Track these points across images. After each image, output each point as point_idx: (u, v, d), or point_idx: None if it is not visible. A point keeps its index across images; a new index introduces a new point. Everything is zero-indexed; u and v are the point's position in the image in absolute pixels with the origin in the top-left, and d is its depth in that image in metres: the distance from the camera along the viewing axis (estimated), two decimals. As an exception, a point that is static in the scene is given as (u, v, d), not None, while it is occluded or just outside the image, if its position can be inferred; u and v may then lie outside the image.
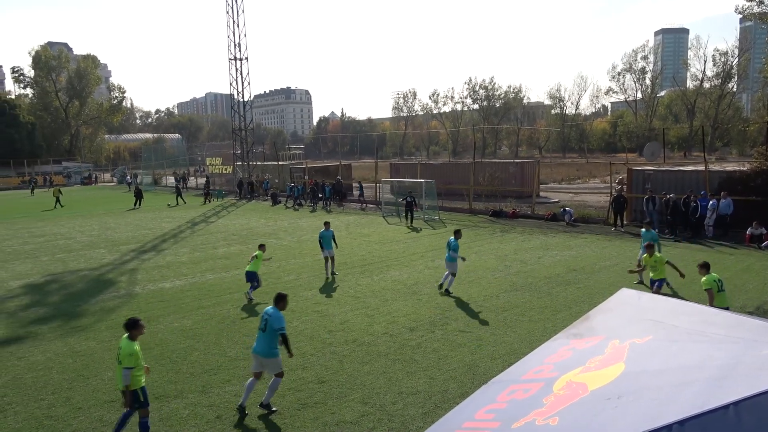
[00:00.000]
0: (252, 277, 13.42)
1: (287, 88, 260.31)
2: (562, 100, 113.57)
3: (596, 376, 3.28)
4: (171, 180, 66.14)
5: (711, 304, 9.19)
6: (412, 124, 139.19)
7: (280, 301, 7.80)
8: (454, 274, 13.57)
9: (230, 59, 46.26)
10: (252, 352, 7.87)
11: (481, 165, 36.40)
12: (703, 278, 9.61)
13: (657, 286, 11.66)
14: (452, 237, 13.88)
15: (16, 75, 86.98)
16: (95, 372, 9.21)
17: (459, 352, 9.61)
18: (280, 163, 50.08)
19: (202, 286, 15.00)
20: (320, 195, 35.65)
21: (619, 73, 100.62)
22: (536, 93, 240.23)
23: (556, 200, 31.97)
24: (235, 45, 45.78)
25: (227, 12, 45.42)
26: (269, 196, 39.00)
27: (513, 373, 3.96)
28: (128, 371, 6.68)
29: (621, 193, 23.51)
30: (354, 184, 39.63)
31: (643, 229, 14.68)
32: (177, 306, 13.07)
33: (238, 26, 45.47)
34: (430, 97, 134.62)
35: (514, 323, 11.10)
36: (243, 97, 47.39)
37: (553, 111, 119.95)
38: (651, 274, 11.92)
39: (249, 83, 47.29)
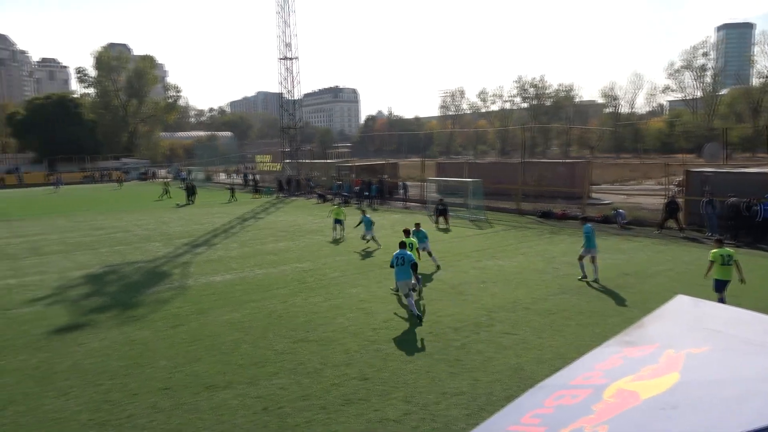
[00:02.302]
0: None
1: (335, 87, 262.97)
2: (616, 99, 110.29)
3: (649, 385, 3.18)
4: (223, 177, 68.06)
5: (706, 274, 11.38)
6: (459, 122, 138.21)
7: None
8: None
9: (280, 59, 47.16)
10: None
11: (529, 164, 35.77)
12: (713, 251, 11.23)
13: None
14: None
15: (80, 75, 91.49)
16: (149, 360, 9.59)
17: (504, 354, 9.49)
18: (327, 161, 50.68)
19: (251, 280, 15.37)
20: (366, 193, 35.89)
21: (677, 71, 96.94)
22: (588, 91, 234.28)
23: (608, 202, 31.03)
24: (285, 45, 46.63)
25: (277, 12, 46.31)
26: (316, 195, 39.57)
27: (561, 378, 3.87)
28: None
29: (674, 198, 22.63)
30: (399, 183, 39.70)
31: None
32: (227, 299, 13.45)
33: (288, 26, 46.32)
34: (478, 96, 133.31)
35: (561, 327, 10.87)
36: (292, 96, 48.23)
37: (606, 110, 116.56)
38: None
39: (299, 82, 48.08)
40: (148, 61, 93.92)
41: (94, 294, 14.36)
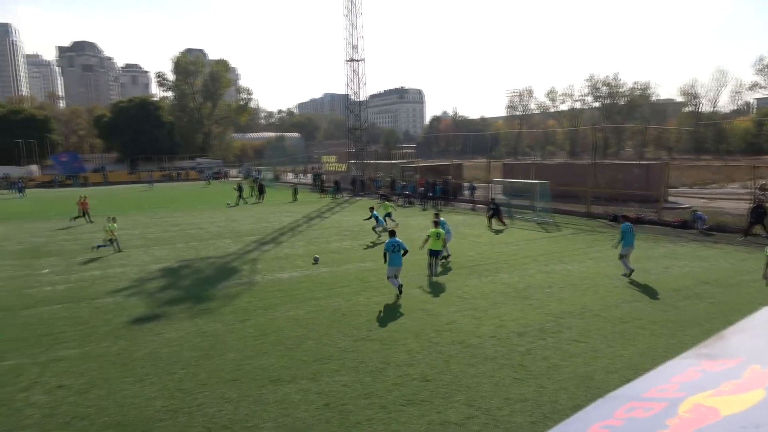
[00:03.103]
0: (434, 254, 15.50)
1: (401, 87, 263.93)
2: (697, 97, 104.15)
3: (730, 401, 2.97)
4: (290, 176, 69.89)
5: None
6: (527, 123, 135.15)
7: None
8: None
9: (347, 60, 47.83)
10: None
11: (601, 166, 34.41)
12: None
13: None
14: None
15: (160, 79, 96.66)
16: (220, 352, 9.98)
17: (571, 362, 9.17)
18: (392, 161, 50.93)
19: (315, 278, 15.68)
20: (430, 194, 35.77)
21: (766, 66, 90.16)
22: (666, 89, 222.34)
23: (687, 206, 29.35)
24: (351, 47, 47.25)
25: (345, 15, 47.00)
26: (379, 195, 39.86)
27: (633, 389, 3.69)
28: None
29: (761, 202, 21.07)
30: (465, 185, 39.30)
31: None
32: (292, 296, 13.78)
33: (355, 28, 46.90)
34: (547, 95, 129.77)
35: (633, 336, 10.38)
36: (359, 97, 48.82)
37: (685, 109, 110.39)
38: None
39: (365, 83, 48.62)
40: (222, 65, 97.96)
41: (169, 287, 15.11)
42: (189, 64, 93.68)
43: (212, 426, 7.27)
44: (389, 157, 54.24)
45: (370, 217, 23.03)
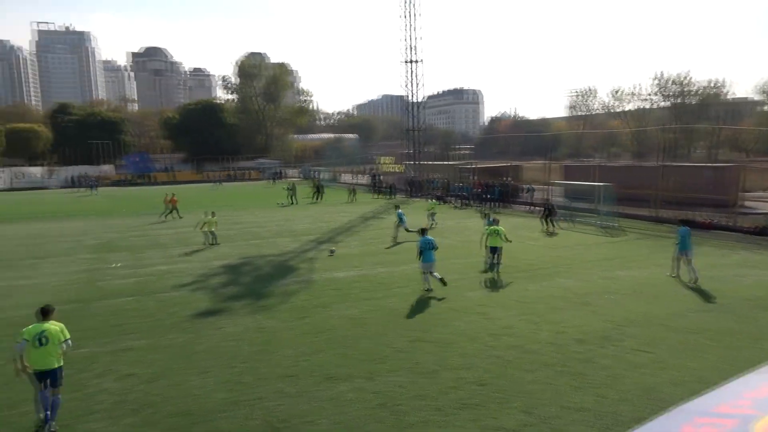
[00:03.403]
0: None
1: (458, 88, 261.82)
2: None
3: (811, 421, 2.78)
4: (348, 177, 70.76)
5: None
6: (590, 123, 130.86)
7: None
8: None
9: (404, 62, 47.91)
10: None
11: (669, 168, 32.86)
12: None
13: None
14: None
15: (224, 83, 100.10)
16: (277, 347, 10.23)
17: (635, 372, 8.81)
18: (449, 162, 50.63)
19: (371, 278, 15.80)
20: (487, 196, 35.28)
21: None
22: (743, 87, 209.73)
23: (765, 211, 27.56)
24: (409, 48, 47.31)
25: (403, 16, 47.11)
26: (434, 196, 39.71)
27: (701, 404, 3.52)
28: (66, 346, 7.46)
29: None
30: (524, 186, 38.53)
31: None
32: (348, 295, 13.94)
33: (413, 29, 46.92)
34: (611, 95, 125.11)
35: (703, 348, 9.85)
36: (416, 98, 48.80)
37: (764, 107, 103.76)
38: None
39: (422, 84, 48.56)
40: (283, 68, 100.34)
41: (231, 283, 15.64)
42: (251, 67, 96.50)
43: (271, 419, 7.47)
44: (446, 158, 53.83)
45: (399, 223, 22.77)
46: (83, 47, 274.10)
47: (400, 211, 23.19)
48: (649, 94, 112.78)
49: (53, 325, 7.43)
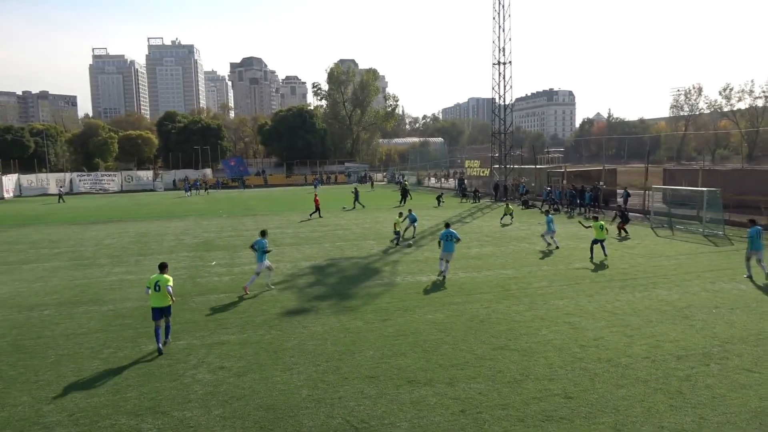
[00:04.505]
0: None
1: (549, 89, 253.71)
2: None
3: None
4: (432, 181, 70.64)
5: None
6: (694, 124, 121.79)
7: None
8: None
9: (494, 64, 47.08)
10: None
11: (787, 172, 29.90)
12: None
13: None
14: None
15: (315, 89, 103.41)
16: (360, 348, 10.39)
17: (741, 393, 8.07)
18: (537, 166, 49.12)
19: (454, 283, 15.64)
20: (579, 201, 33.83)
21: None
22: None
23: None
24: (499, 49, 46.44)
25: (493, 18, 46.34)
26: (521, 201, 38.64)
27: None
28: (171, 288, 10.48)
29: None
30: (618, 191, 36.58)
31: None
32: (431, 299, 13.89)
33: (503, 30, 46.03)
34: (720, 93, 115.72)
35: (825, 371, 8.83)
36: (504, 101, 47.80)
37: None
38: None
39: (511, 86, 47.49)
40: (372, 74, 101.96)
41: (317, 283, 16.08)
42: (341, 74, 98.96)
43: (351, 419, 7.59)
44: (534, 161, 52.14)
45: (405, 218, 24.40)
46: (188, 59, 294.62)
47: (413, 214, 24.83)
48: (764, 91, 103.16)
49: (165, 276, 10.61)
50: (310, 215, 34.22)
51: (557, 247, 20.87)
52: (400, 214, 23.93)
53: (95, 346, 10.86)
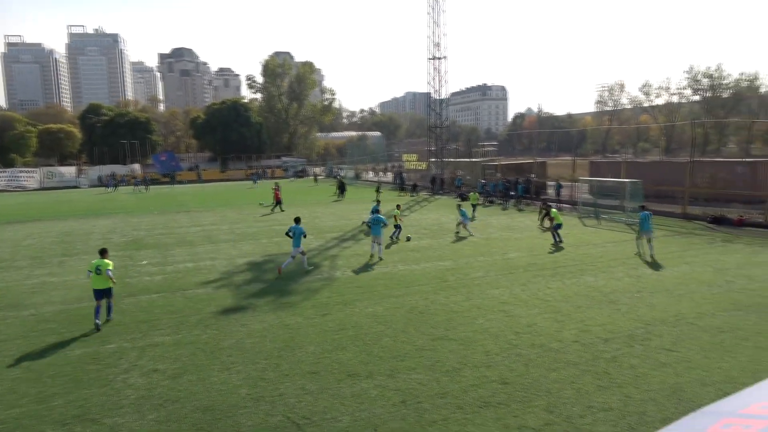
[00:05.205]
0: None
1: (483, 84, 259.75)
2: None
3: None
4: (371, 175, 70.87)
5: None
6: (617, 118, 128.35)
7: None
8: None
9: (429, 58, 47.69)
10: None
11: (700, 164, 32.09)
12: None
13: None
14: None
15: (250, 82, 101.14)
16: (300, 344, 10.29)
17: (662, 372, 8.62)
18: (472, 159, 50.28)
19: (393, 275, 15.79)
20: (512, 193, 34.93)
21: None
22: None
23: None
24: (434, 44, 47.07)
25: (428, 13, 46.89)
26: (458, 194, 39.47)
27: (730, 405, 3.41)
28: (111, 272, 11.58)
29: None
30: (549, 183, 38.08)
31: None
32: (371, 292, 13.96)
33: (438, 26, 46.66)
34: (640, 89, 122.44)
35: (733, 348, 9.59)
36: (440, 95, 48.55)
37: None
38: None
39: (446, 81, 48.31)
40: (308, 66, 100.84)
41: (254, 280, 15.79)
42: (277, 66, 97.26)
43: (292, 416, 7.52)
44: (470, 155, 53.40)
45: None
46: (113, 49, 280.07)
47: (463, 209, 22.90)
48: (679, 88, 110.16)
49: (106, 261, 11.71)
50: (272, 209, 33.97)
51: (471, 235, 22.25)
52: (398, 206, 23.59)
53: (15, 354, 10.19)
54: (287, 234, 16.88)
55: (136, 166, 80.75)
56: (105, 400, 8.15)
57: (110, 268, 11.61)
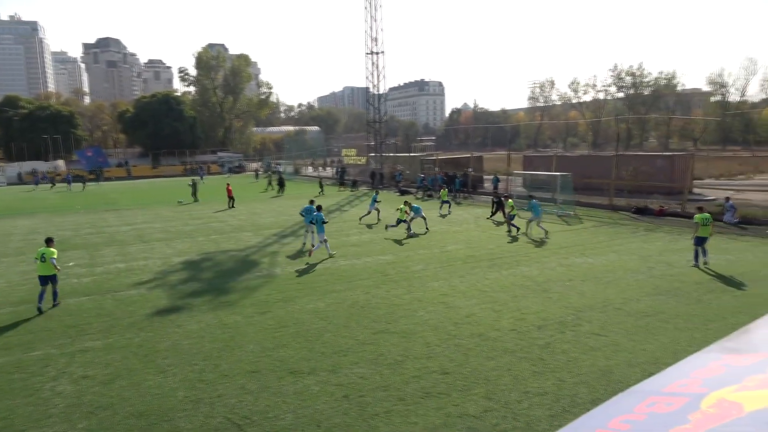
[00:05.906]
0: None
1: (421, 80, 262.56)
2: (725, 86, 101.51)
3: (755, 396, 2.88)
4: (310, 170, 70.20)
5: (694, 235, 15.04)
6: (548, 114, 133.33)
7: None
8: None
9: (367, 53, 47.69)
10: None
11: (624, 158, 33.91)
12: (696, 215, 14.85)
13: None
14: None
15: (182, 75, 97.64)
16: (239, 343, 10.09)
17: (592, 355, 9.07)
18: (411, 154, 50.78)
19: (334, 271, 15.74)
20: (450, 187, 35.58)
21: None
22: (693, 79, 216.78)
23: (713, 198, 28.75)
24: (371, 39, 47.09)
25: (365, 8, 46.84)
26: (397, 189, 39.80)
27: (653, 384, 3.62)
28: (55, 260, 12.43)
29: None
30: (486, 176, 39.06)
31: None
32: (312, 288, 13.86)
33: (375, 21, 46.71)
34: (569, 86, 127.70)
35: (656, 330, 10.22)
36: (378, 90, 48.67)
37: (712, 98, 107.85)
38: None
39: (384, 76, 48.44)
40: (243, 59, 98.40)
41: (191, 279, 15.31)
42: (210, 59, 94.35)
43: (233, 417, 7.36)
44: (409, 149, 53.91)
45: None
46: (32, 38, 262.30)
47: (415, 205, 22.76)
48: (605, 86, 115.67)
49: (51, 249, 12.61)
50: (230, 206, 33.29)
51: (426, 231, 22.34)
52: (406, 203, 22.82)
53: (-75, 366, 9.42)
54: (311, 222, 18.20)
55: (60, 162, 76.21)
56: (31, 411, 7.68)
57: (54, 256, 12.48)
